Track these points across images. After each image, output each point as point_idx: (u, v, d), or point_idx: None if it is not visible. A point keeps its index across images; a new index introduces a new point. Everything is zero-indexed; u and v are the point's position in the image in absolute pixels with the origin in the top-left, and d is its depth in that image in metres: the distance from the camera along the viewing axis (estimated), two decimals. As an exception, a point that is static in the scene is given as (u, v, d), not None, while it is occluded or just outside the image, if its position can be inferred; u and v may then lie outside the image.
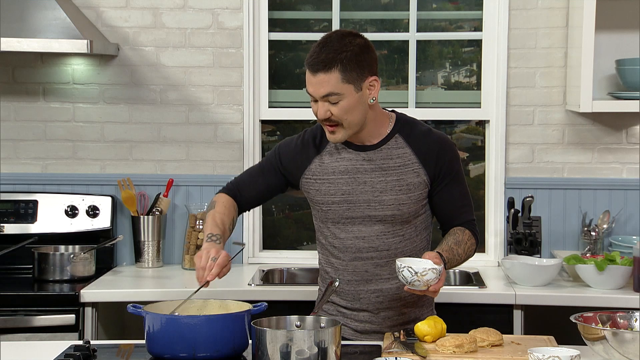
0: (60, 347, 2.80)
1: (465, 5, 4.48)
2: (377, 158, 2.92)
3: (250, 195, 3.08)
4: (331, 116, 2.81)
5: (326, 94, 2.78)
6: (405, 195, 2.91)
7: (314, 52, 2.80)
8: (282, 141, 3.09)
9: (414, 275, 2.69)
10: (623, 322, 2.74)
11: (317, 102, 2.82)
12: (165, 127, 4.41)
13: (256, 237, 4.43)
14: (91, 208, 4.29)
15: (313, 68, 2.78)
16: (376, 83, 2.84)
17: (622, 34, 4.24)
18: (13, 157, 4.42)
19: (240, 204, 3.08)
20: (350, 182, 2.93)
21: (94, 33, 4.21)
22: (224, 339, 2.62)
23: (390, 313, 3.00)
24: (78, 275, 4.02)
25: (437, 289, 2.73)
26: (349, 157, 2.94)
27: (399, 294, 2.98)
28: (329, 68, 2.76)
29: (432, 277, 2.70)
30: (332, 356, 2.51)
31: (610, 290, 3.76)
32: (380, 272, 2.96)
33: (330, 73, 2.76)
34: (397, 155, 2.92)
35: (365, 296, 2.99)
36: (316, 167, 2.97)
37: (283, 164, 3.03)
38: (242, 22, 4.37)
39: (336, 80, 2.77)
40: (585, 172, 4.35)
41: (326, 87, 2.78)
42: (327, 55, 2.76)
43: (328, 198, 2.95)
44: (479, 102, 4.42)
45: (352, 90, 2.79)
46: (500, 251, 4.34)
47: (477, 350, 2.68)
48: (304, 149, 3.00)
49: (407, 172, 2.91)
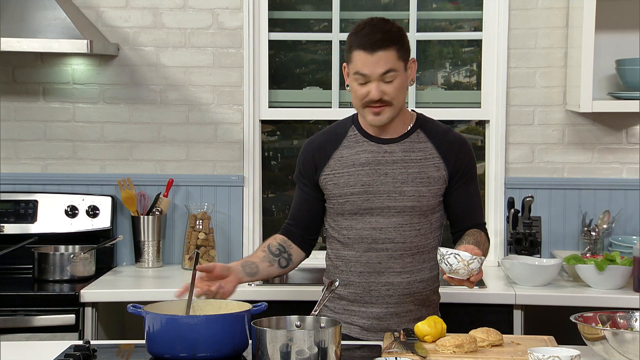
0: (60, 347, 2.79)
1: (465, 5, 4.48)
2: (399, 150, 2.98)
3: (304, 225, 3.11)
4: (383, 96, 2.88)
5: (385, 71, 2.87)
6: (425, 187, 2.96)
7: (365, 34, 2.87)
8: (299, 155, 3.12)
9: (459, 262, 2.68)
10: (623, 322, 2.74)
11: (367, 84, 2.88)
12: (165, 127, 4.41)
13: (256, 237, 4.43)
14: (91, 208, 4.29)
15: (371, 47, 2.85)
16: (413, 65, 2.96)
17: (622, 34, 4.24)
18: (13, 157, 4.42)
19: (298, 238, 3.11)
20: (371, 174, 2.97)
21: (94, 33, 4.21)
22: (224, 339, 2.62)
23: (398, 309, 3.01)
24: (78, 275, 4.02)
25: (477, 280, 2.75)
26: (371, 149, 2.99)
27: (409, 290, 3.00)
28: (387, 45, 2.86)
29: (477, 266, 2.70)
30: (332, 356, 2.51)
31: (610, 290, 3.76)
32: (393, 265, 2.99)
33: (388, 50, 2.86)
34: (419, 149, 2.98)
35: (375, 288, 3.00)
36: (335, 163, 3.02)
37: (308, 175, 3.07)
38: (242, 22, 4.37)
39: (394, 57, 2.87)
40: (585, 172, 4.35)
41: (386, 64, 2.86)
42: (383, 35, 2.86)
43: (347, 190, 2.98)
44: (479, 102, 4.42)
45: (403, 68, 2.91)
46: (500, 251, 4.35)
47: (477, 350, 2.68)
48: (319, 150, 3.05)
49: (428, 165, 2.97)
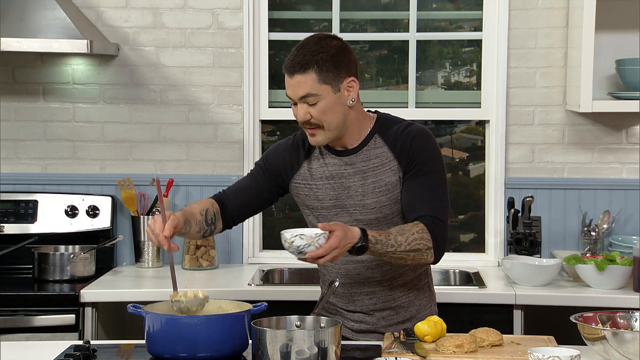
0: (60, 347, 2.79)
1: (465, 5, 4.48)
2: (358, 161, 2.90)
3: (237, 202, 3.01)
4: (311, 118, 2.82)
5: (304, 95, 2.80)
6: (385, 196, 2.88)
7: (292, 55, 2.82)
8: (271, 146, 3.08)
9: (306, 240, 2.60)
10: (623, 322, 2.74)
11: (297, 105, 2.83)
12: (165, 127, 4.41)
13: (256, 237, 4.43)
14: (91, 208, 4.29)
15: (290, 70, 2.80)
16: (354, 84, 2.84)
17: (622, 34, 4.24)
18: (13, 157, 4.43)
19: (227, 213, 3.01)
20: (336, 187, 2.92)
21: (94, 33, 4.21)
22: (224, 339, 2.62)
23: (385, 313, 2.99)
24: (78, 275, 4.02)
25: (315, 255, 2.62)
26: (333, 163, 2.93)
27: (392, 295, 2.97)
28: (305, 69, 2.78)
29: (323, 241, 2.60)
30: (332, 356, 2.51)
31: (610, 290, 3.76)
32: (372, 275, 2.96)
33: (306, 74, 2.78)
34: (375, 156, 2.89)
35: (358, 298, 2.99)
36: (305, 172, 2.96)
37: (272, 167, 3.01)
38: (242, 22, 4.37)
39: (312, 81, 2.78)
40: (585, 172, 4.35)
41: (303, 88, 2.79)
42: (304, 57, 2.79)
43: (318, 203, 2.94)
44: (479, 102, 4.42)
45: (330, 91, 2.80)
46: (500, 251, 4.34)
47: (477, 350, 2.68)
48: (294, 151, 2.99)
49: (385, 171, 2.88)
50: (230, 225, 3.04)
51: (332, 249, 2.62)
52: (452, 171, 4.49)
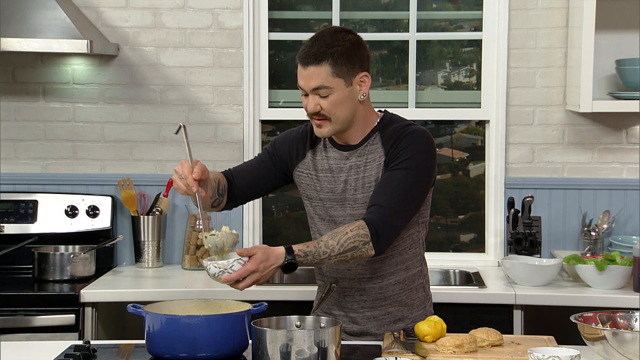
0: (60, 347, 2.80)
1: (465, 5, 4.48)
2: (354, 157, 2.93)
3: (242, 182, 3.03)
4: (320, 110, 2.84)
5: (316, 87, 2.82)
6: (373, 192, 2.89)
7: (306, 47, 2.84)
8: (281, 133, 3.11)
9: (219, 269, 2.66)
10: (623, 322, 2.74)
11: (308, 96, 2.85)
12: (165, 127, 4.41)
13: (256, 237, 4.43)
14: (91, 208, 4.29)
15: (304, 61, 2.82)
16: (367, 79, 2.87)
17: (622, 34, 4.24)
18: (13, 157, 4.42)
19: (233, 190, 3.03)
20: (333, 181, 2.95)
21: (94, 33, 4.21)
22: (223, 339, 2.62)
23: (375, 312, 2.99)
24: (78, 275, 4.02)
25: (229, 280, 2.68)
26: (334, 156, 2.96)
27: (382, 293, 2.97)
28: (319, 61, 2.80)
29: (238, 267, 2.66)
30: (332, 356, 2.51)
31: (610, 290, 3.76)
32: (363, 272, 2.96)
33: (320, 66, 2.80)
34: (369, 152, 2.91)
35: (350, 294, 2.99)
36: (309, 162, 3.00)
37: (278, 152, 3.04)
38: (242, 22, 4.37)
39: (326, 73, 2.80)
40: (585, 172, 4.35)
41: (316, 80, 2.81)
42: (319, 49, 2.81)
43: (316, 194, 2.98)
44: (479, 102, 4.42)
45: (342, 84, 2.82)
46: (500, 251, 4.34)
47: (477, 350, 2.69)
48: (301, 140, 3.03)
49: (374, 167, 2.89)
50: (233, 203, 3.05)
51: (249, 272, 2.68)
52: (452, 171, 4.49)
